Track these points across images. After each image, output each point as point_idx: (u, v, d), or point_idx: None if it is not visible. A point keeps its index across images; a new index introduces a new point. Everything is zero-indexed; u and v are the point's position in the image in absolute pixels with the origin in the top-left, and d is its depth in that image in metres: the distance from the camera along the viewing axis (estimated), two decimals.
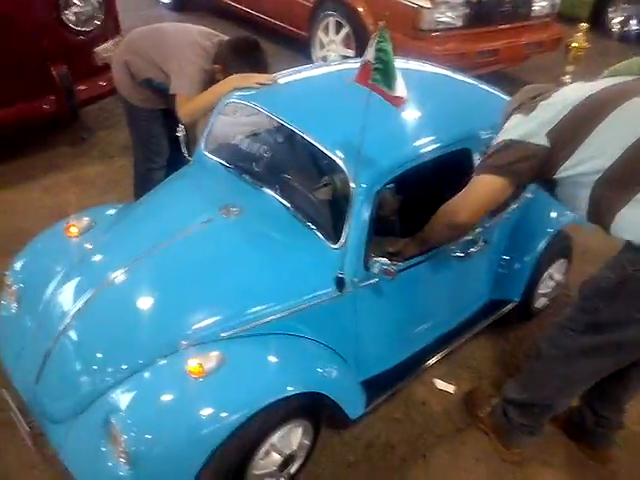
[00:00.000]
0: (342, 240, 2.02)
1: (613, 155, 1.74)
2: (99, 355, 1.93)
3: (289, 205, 2.22)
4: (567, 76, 5.73)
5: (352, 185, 2.01)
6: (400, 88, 1.83)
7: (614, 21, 7.22)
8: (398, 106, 1.92)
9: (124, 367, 1.88)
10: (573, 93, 1.89)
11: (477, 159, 2.28)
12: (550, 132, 1.81)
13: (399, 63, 1.88)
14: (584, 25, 5.38)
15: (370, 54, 1.80)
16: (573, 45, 5.39)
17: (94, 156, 4.23)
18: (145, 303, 2.02)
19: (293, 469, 2.10)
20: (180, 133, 2.65)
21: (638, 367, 2.12)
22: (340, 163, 2.07)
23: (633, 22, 7.21)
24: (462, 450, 2.39)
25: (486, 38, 5.00)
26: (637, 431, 2.49)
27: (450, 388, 2.64)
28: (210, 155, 2.54)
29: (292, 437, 2.02)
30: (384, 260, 1.99)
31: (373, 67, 1.76)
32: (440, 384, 2.65)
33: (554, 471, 2.34)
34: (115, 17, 4.11)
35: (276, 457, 1.98)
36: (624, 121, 1.77)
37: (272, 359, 1.95)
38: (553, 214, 2.71)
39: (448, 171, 2.28)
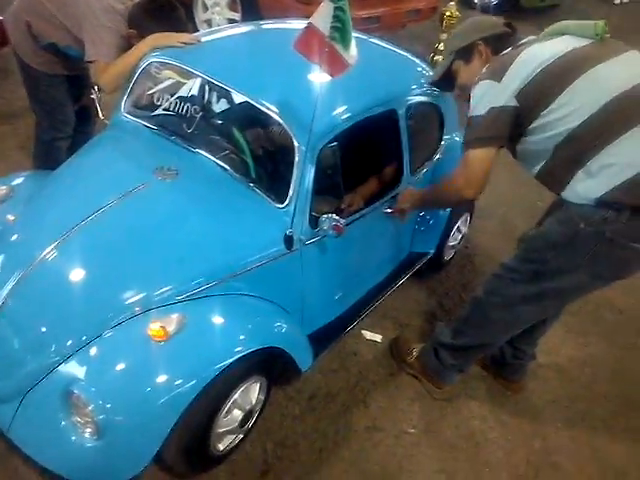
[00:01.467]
0: (288, 199, 2.05)
1: (578, 118, 1.84)
2: (41, 330, 1.83)
3: (228, 167, 2.19)
4: (441, 44, 6.08)
5: (296, 145, 2.03)
6: (353, 49, 1.86)
7: None
8: (336, 74, 1.91)
9: (69, 343, 1.79)
10: (540, 54, 1.94)
11: (402, 118, 2.42)
12: (519, 94, 1.91)
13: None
14: None
15: (319, 19, 1.79)
16: (447, 14, 5.71)
17: None
18: (85, 275, 1.92)
19: (250, 424, 2.14)
20: (95, 95, 2.50)
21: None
22: (283, 124, 2.07)
23: None
24: (396, 393, 2.54)
25: (369, 5, 5.14)
26: (542, 362, 2.78)
27: (377, 337, 2.79)
28: (132, 117, 2.42)
29: (251, 393, 2.06)
30: (334, 216, 2.05)
31: (331, 25, 1.78)
32: (368, 335, 2.79)
33: (479, 403, 2.57)
34: None
35: (237, 413, 2.01)
36: (587, 89, 1.85)
37: (229, 319, 1.95)
38: None
39: (380, 129, 2.38)
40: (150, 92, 2.50)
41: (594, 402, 2.67)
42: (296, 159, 2.04)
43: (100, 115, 2.50)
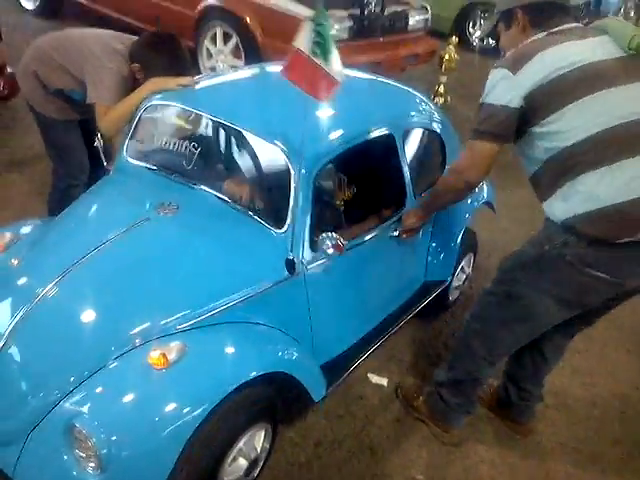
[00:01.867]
0: (287, 224, 2.08)
1: (573, 137, 1.85)
2: (43, 367, 1.83)
3: (227, 199, 2.24)
4: (441, 86, 6.19)
5: (291, 169, 2.07)
6: (336, 62, 1.88)
7: (475, 36, 7.87)
8: (326, 95, 1.93)
9: (71, 378, 1.79)
10: (562, 58, 1.89)
11: (399, 142, 2.50)
12: (528, 95, 1.88)
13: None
14: (455, 39, 5.84)
15: (301, 40, 1.84)
16: (446, 57, 5.83)
17: None
18: (85, 309, 1.94)
19: (256, 473, 2.11)
20: (98, 142, 2.56)
21: (553, 342, 2.38)
22: (278, 150, 2.12)
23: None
24: (403, 438, 2.51)
25: (370, 50, 5.26)
26: (549, 403, 2.76)
27: (383, 381, 2.77)
28: (133, 160, 2.48)
29: (256, 441, 2.04)
30: (332, 235, 2.06)
31: (313, 41, 1.82)
32: (374, 378, 2.77)
33: (487, 447, 2.53)
34: None
35: (242, 462, 1.99)
36: (592, 110, 1.84)
37: (232, 346, 1.94)
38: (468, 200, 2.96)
39: (379, 154, 2.48)
40: (149, 135, 2.56)
41: (603, 444, 2.63)
42: (292, 184, 2.07)
43: (103, 162, 2.54)
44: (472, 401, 2.48)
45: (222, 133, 2.59)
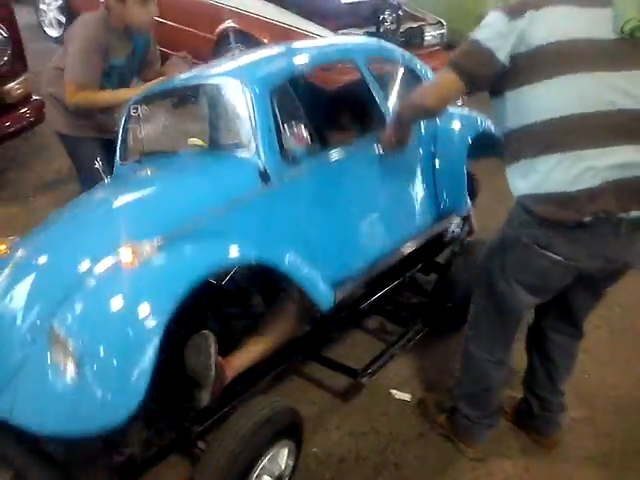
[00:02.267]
0: (253, 144, 2.19)
1: (542, 115, 1.85)
2: (28, 307, 1.88)
3: (196, 149, 2.46)
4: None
5: (248, 93, 2.23)
6: None
7: None
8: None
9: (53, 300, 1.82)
10: (557, 26, 1.84)
11: (363, 68, 2.68)
12: (515, 56, 1.86)
13: None
14: None
15: None
16: None
17: (7, 198, 4.03)
18: (56, 246, 2.08)
19: None
20: (98, 165, 2.64)
21: (555, 343, 2.38)
22: (237, 82, 2.29)
23: None
24: (428, 454, 2.51)
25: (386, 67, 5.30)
26: (576, 417, 2.73)
27: (406, 397, 2.77)
28: (125, 162, 2.65)
29: (280, 458, 2.06)
30: (294, 128, 2.19)
31: None
32: (397, 394, 2.77)
33: (513, 462, 2.51)
34: (22, 54, 3.98)
35: (267, 479, 2.01)
36: (569, 92, 1.82)
37: (210, 241, 1.96)
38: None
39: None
40: (137, 133, 2.68)
41: (632, 459, 2.59)
42: (250, 104, 2.21)
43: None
44: (492, 413, 2.45)
45: (185, 98, 2.81)
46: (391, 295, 3.05)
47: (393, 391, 2.79)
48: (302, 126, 2.17)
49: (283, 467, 2.08)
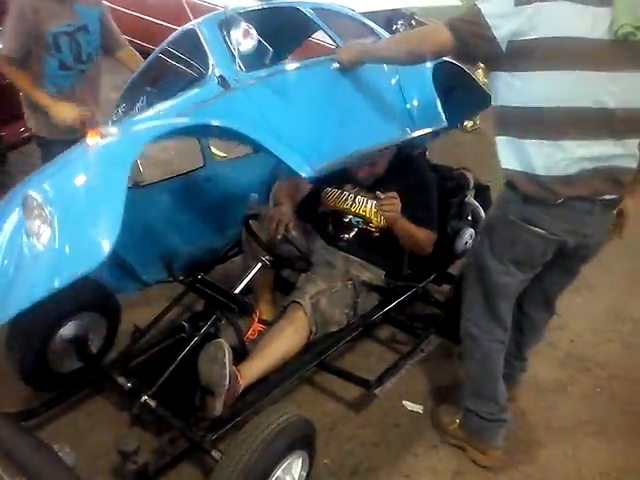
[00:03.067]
0: (211, 62, 2.32)
1: (533, 102, 1.94)
2: None
3: None
4: None
5: (199, 29, 2.40)
6: None
7: None
8: None
9: None
10: (559, 20, 1.88)
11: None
12: (514, 42, 1.91)
13: None
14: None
15: None
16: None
17: None
18: None
19: None
20: None
21: (528, 317, 2.56)
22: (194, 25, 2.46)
23: None
24: (440, 466, 2.50)
25: None
26: (589, 431, 2.72)
27: (419, 408, 2.76)
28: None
29: (293, 469, 2.05)
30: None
31: None
32: (409, 405, 2.77)
33: (524, 476, 2.50)
34: None
35: None
36: (562, 85, 1.90)
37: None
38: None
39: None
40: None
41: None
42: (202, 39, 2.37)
43: None
44: (502, 408, 2.45)
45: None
46: (404, 306, 3.05)
47: (405, 402, 2.78)
48: (250, 29, 2.28)
49: (296, 478, 2.07)
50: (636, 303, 3.76)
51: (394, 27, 5.28)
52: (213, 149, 2.72)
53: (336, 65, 2.52)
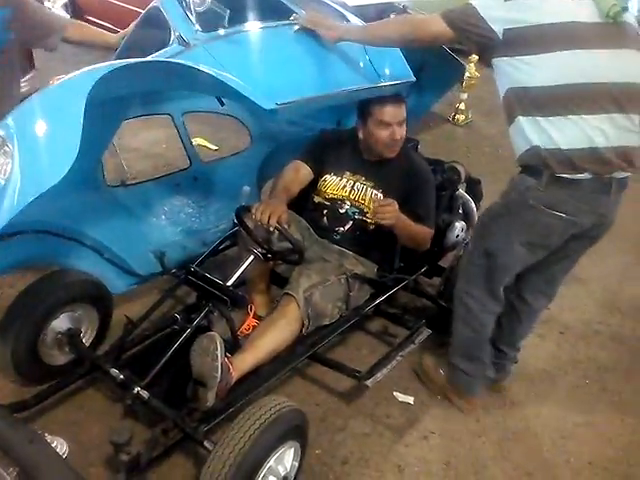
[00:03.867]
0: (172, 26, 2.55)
1: (540, 81, 2.04)
2: None
3: None
4: (462, 103, 6.22)
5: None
6: None
7: None
8: None
9: None
10: (556, 8, 2.05)
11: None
12: (509, 30, 2.05)
13: None
14: (475, 57, 5.87)
15: None
16: (467, 75, 5.87)
17: None
18: None
19: None
20: None
21: (527, 304, 2.60)
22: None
23: None
24: (431, 456, 2.52)
25: None
26: (578, 422, 2.76)
27: (410, 399, 2.78)
28: None
29: (285, 459, 2.07)
30: None
31: None
32: (400, 397, 2.79)
33: (514, 465, 2.53)
34: (29, 51, 3.99)
35: None
36: (566, 63, 2.02)
37: None
38: None
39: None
40: None
41: (634, 465, 2.60)
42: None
43: None
44: (487, 365, 2.63)
45: None
46: (395, 298, 3.06)
47: (396, 394, 2.80)
48: None
49: (288, 468, 2.09)
50: (626, 295, 3.79)
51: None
52: (204, 142, 2.70)
53: (296, 27, 2.61)
